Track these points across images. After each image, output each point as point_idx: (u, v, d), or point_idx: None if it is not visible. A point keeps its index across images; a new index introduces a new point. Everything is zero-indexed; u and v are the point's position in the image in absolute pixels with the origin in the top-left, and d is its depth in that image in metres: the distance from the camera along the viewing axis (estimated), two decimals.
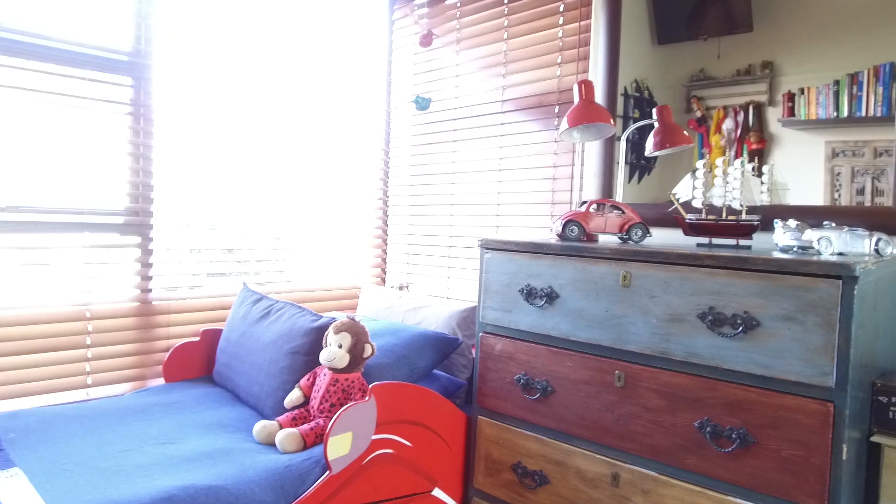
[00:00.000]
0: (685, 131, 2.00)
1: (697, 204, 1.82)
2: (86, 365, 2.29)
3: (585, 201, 1.95)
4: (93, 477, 1.59)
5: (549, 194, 2.51)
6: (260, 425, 1.90)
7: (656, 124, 2.00)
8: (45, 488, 1.53)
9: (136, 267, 2.41)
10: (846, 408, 1.33)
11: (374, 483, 1.84)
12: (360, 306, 2.93)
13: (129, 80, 2.36)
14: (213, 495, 1.54)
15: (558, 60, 2.48)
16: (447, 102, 2.91)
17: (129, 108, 2.37)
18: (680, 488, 1.56)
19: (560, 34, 2.47)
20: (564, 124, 2.00)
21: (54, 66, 2.20)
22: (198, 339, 2.46)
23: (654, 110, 2.02)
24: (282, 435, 1.83)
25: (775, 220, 1.67)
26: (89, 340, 2.30)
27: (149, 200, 2.42)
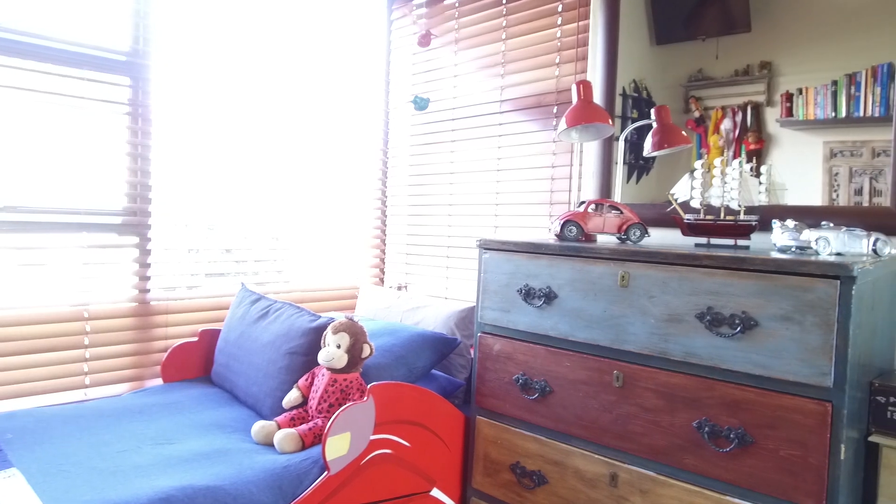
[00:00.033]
0: (683, 131, 2.00)
1: (696, 204, 1.82)
2: (84, 365, 2.29)
3: (584, 201, 1.95)
4: (90, 477, 1.59)
5: (547, 194, 2.51)
6: (258, 425, 1.90)
7: (654, 124, 2.00)
8: (42, 489, 1.53)
9: (135, 267, 2.41)
10: (844, 408, 1.33)
11: (373, 483, 1.84)
12: (358, 306, 2.93)
13: (127, 80, 2.36)
14: (211, 496, 1.54)
15: (557, 60, 2.48)
16: (446, 102, 2.91)
17: (128, 108, 2.37)
18: (678, 488, 1.57)
19: (558, 34, 2.47)
20: (563, 124, 2.00)
21: (52, 66, 2.20)
22: (196, 339, 2.46)
23: (652, 110, 2.02)
24: (280, 435, 1.83)
25: (773, 221, 1.67)
26: (87, 341, 2.29)
27: (147, 200, 2.42)
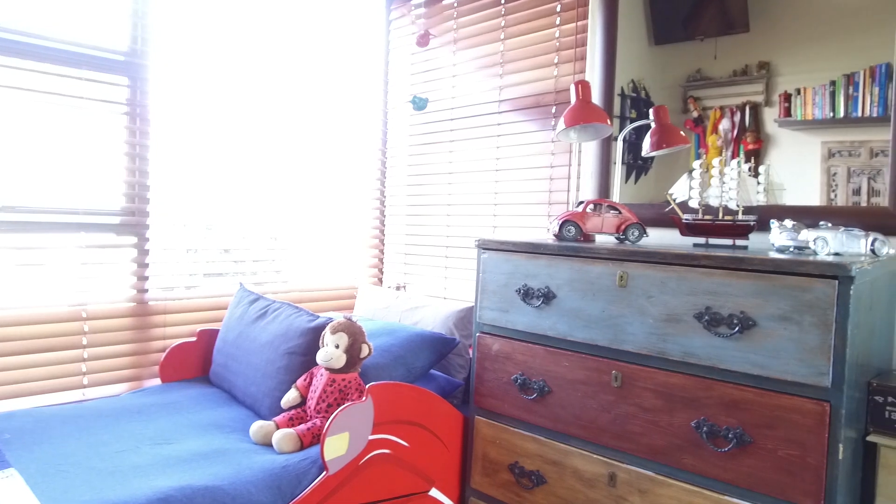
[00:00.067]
0: (682, 131, 2.01)
1: (694, 204, 1.82)
2: (82, 365, 2.29)
3: (582, 201, 1.95)
4: (89, 477, 1.58)
5: (545, 194, 2.52)
6: (257, 425, 1.90)
7: (653, 124, 2.00)
8: (40, 489, 1.52)
9: (133, 267, 2.40)
10: (842, 407, 1.33)
11: (371, 483, 1.84)
12: (356, 306, 2.93)
13: (125, 80, 2.36)
14: (209, 496, 1.54)
15: (555, 61, 2.48)
16: (444, 102, 2.91)
17: (126, 108, 2.37)
18: (677, 488, 1.57)
19: (557, 34, 2.47)
20: (561, 124, 2.00)
21: (50, 66, 2.19)
22: (194, 339, 2.45)
23: (650, 110, 2.02)
24: (278, 435, 1.82)
25: (772, 221, 1.67)
26: (85, 341, 2.29)
27: (145, 200, 2.41)
